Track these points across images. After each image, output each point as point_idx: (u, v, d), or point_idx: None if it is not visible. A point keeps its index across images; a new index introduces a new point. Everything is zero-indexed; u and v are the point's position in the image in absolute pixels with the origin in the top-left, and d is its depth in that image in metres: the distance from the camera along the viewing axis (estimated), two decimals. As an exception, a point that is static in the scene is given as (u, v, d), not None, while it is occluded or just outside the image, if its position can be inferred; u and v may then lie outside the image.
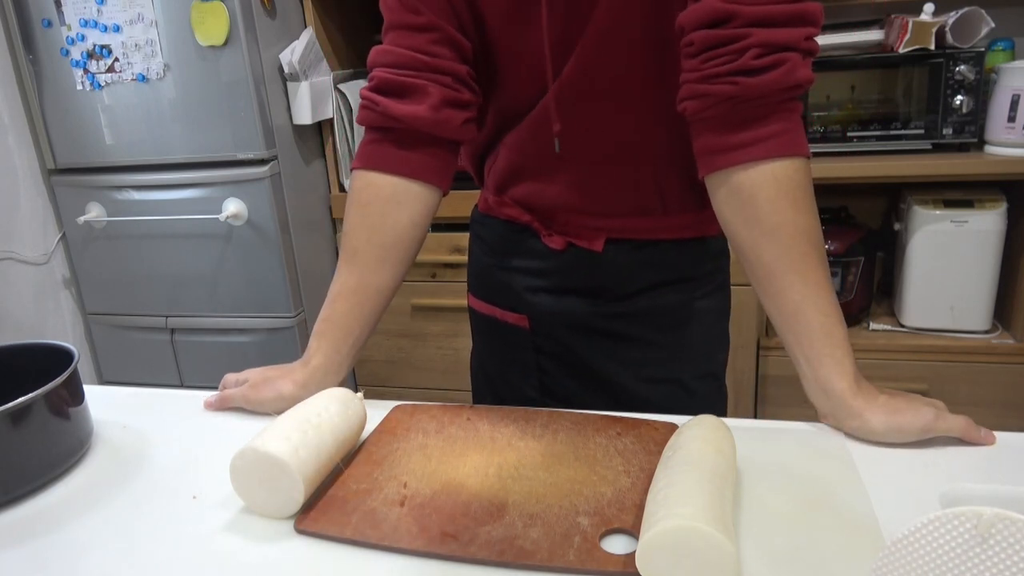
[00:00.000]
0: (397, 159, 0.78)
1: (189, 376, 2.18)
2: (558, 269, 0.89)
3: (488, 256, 0.95)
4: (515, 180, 0.88)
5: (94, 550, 0.58)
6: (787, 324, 0.69)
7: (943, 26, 1.72)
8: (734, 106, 0.67)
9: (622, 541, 0.54)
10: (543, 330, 0.91)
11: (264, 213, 1.96)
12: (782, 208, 0.67)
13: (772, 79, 0.65)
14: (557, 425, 0.70)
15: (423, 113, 0.76)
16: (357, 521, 0.57)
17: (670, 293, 0.88)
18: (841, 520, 0.55)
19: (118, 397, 0.85)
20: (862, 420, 0.65)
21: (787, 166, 0.67)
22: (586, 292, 0.88)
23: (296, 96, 1.97)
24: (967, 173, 1.73)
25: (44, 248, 2.15)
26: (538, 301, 0.90)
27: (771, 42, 0.65)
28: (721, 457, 0.56)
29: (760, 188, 0.67)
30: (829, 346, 0.67)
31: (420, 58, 0.76)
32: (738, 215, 0.69)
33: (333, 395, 0.68)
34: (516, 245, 0.91)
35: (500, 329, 0.95)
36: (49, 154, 2.07)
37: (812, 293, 0.67)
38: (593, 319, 0.89)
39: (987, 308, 1.82)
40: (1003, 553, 0.40)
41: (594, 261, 0.87)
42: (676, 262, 0.87)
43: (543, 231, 0.88)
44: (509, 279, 0.92)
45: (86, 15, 1.89)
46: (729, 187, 0.69)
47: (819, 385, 0.68)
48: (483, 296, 0.97)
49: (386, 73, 0.77)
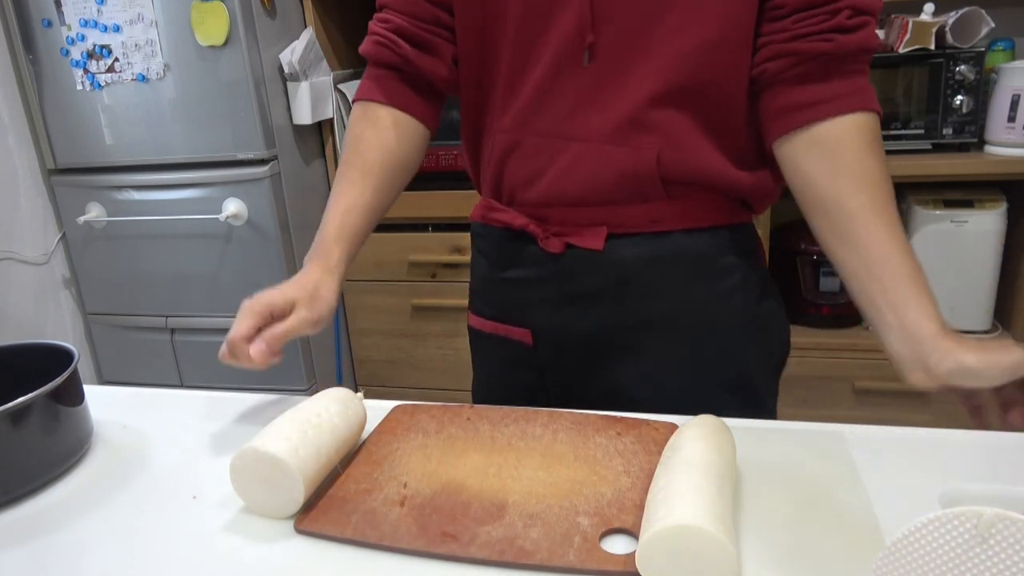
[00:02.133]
0: (410, 101, 0.84)
1: (189, 376, 2.18)
2: (558, 275, 0.83)
3: (488, 268, 0.91)
4: (510, 165, 0.83)
5: (94, 550, 0.58)
6: (872, 271, 0.68)
7: (943, 26, 1.72)
8: (824, 63, 0.71)
9: (622, 541, 0.54)
10: (547, 346, 0.86)
11: (264, 213, 1.96)
12: (867, 157, 0.70)
13: (862, 38, 0.70)
14: (557, 425, 0.70)
15: (442, 71, 0.83)
16: (357, 521, 0.57)
17: (691, 291, 0.81)
18: (841, 520, 0.55)
19: (118, 397, 0.85)
20: (955, 358, 0.63)
21: (868, 119, 0.71)
22: (589, 300, 0.82)
23: (296, 96, 1.97)
24: (967, 173, 1.73)
25: (44, 248, 2.15)
26: (541, 313, 0.85)
27: (860, 6, 0.70)
28: (721, 457, 0.56)
29: (848, 137, 0.71)
30: (916, 290, 0.67)
31: (434, 11, 0.81)
32: (823, 165, 0.71)
33: (333, 395, 0.68)
34: (514, 253, 0.87)
35: (502, 348, 0.90)
36: (49, 154, 2.07)
37: (896, 239, 0.68)
38: (600, 330, 0.83)
39: (987, 308, 1.82)
40: (1003, 553, 0.40)
41: (595, 262, 0.81)
42: (688, 255, 0.80)
43: (540, 234, 0.83)
44: (510, 291, 0.88)
45: (86, 15, 1.89)
46: (812, 139, 0.72)
47: (907, 331, 0.66)
48: (485, 313, 0.93)
49: (403, 21, 0.82)
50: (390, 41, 0.82)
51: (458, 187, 1.88)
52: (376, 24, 0.84)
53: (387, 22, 0.83)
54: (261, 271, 2.02)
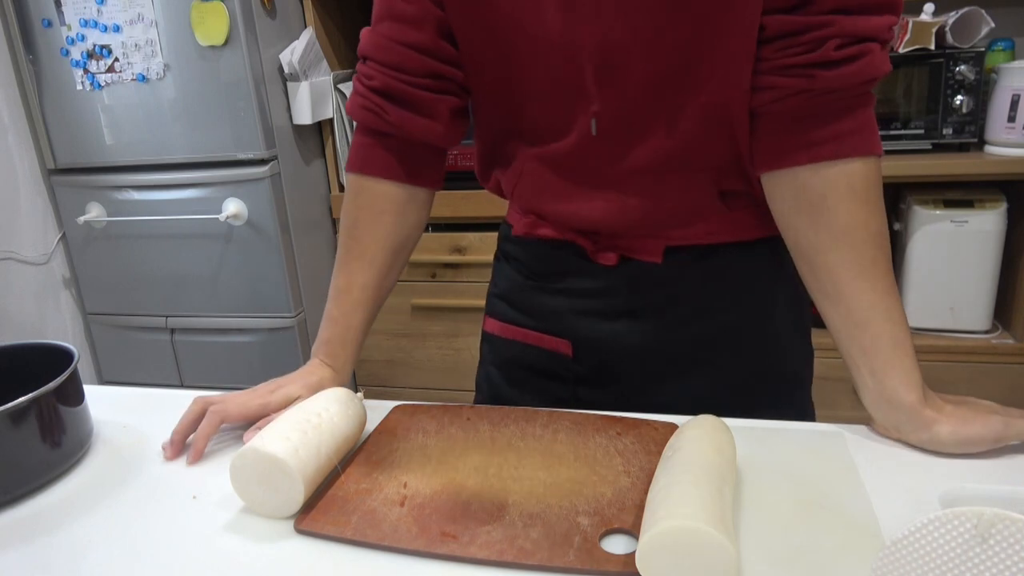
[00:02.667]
0: (405, 168, 0.77)
1: (189, 376, 2.18)
2: (610, 289, 0.78)
3: (525, 277, 0.85)
4: (548, 201, 0.78)
5: (94, 550, 0.58)
6: (852, 334, 0.65)
7: (943, 26, 1.72)
8: (807, 100, 0.63)
9: (622, 541, 0.54)
10: (588, 358, 0.81)
11: (264, 213, 1.96)
12: (853, 211, 0.63)
13: (851, 72, 0.60)
14: (557, 425, 0.70)
15: (437, 130, 0.75)
16: (357, 521, 0.57)
17: (743, 307, 0.77)
18: (841, 520, 0.55)
19: (118, 397, 0.85)
20: (931, 433, 0.62)
21: (860, 166, 0.63)
22: (644, 313, 0.78)
23: (296, 96, 1.98)
24: (967, 173, 1.73)
25: (44, 248, 2.15)
26: (585, 325, 0.80)
27: (854, 32, 0.60)
28: (721, 457, 0.56)
29: (832, 189, 0.63)
30: (897, 356, 0.64)
31: (426, 62, 0.72)
32: (803, 217, 0.66)
33: (333, 395, 0.68)
34: (559, 264, 0.81)
35: (530, 356, 0.85)
36: (49, 154, 2.07)
37: (881, 301, 0.64)
38: (651, 344, 0.78)
39: (987, 308, 1.82)
40: (1003, 553, 0.40)
41: (653, 276, 0.76)
42: (746, 269, 0.77)
43: (590, 247, 0.78)
44: (552, 300, 0.82)
45: (86, 15, 1.89)
46: (795, 187, 0.65)
47: (885, 397, 0.64)
48: (511, 319, 0.86)
49: (391, 79, 0.73)
50: (375, 105, 0.73)
51: (458, 187, 1.87)
52: (359, 81, 0.75)
53: (371, 79, 0.73)
54: (261, 271, 2.02)
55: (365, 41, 0.74)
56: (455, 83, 0.75)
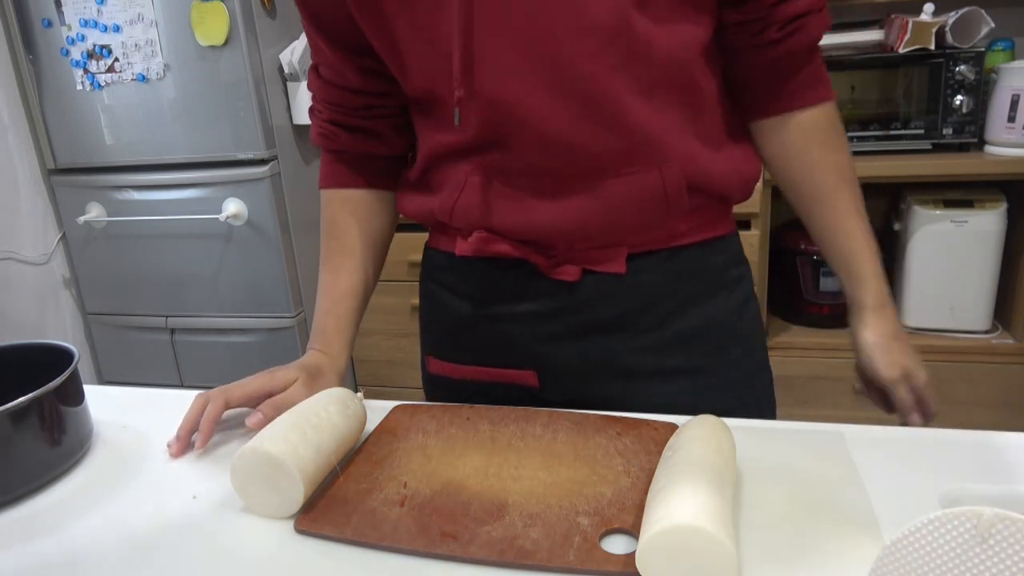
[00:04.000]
0: (366, 177, 0.83)
1: (189, 376, 2.18)
2: (574, 305, 0.75)
3: (468, 306, 0.80)
4: (496, 213, 0.73)
5: (94, 550, 0.58)
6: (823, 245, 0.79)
7: (943, 26, 1.72)
8: (771, 67, 0.73)
9: (622, 541, 0.54)
10: (557, 385, 0.78)
11: (264, 213, 1.96)
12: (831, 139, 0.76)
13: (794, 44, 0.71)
14: (557, 425, 0.70)
15: (382, 147, 0.82)
16: (357, 521, 0.57)
17: (709, 307, 0.77)
18: (841, 520, 0.55)
19: (118, 397, 0.85)
20: (861, 335, 0.79)
21: (828, 109, 0.75)
22: (613, 327, 0.75)
23: (296, 96, 1.98)
24: (967, 173, 1.73)
25: (44, 248, 2.15)
26: (550, 350, 0.77)
27: (790, 15, 0.69)
28: (721, 457, 0.56)
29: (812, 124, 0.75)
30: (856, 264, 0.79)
31: (359, 98, 0.79)
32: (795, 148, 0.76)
33: (333, 395, 0.68)
34: (513, 286, 0.77)
35: (489, 393, 0.80)
36: (49, 154, 2.07)
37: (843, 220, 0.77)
38: (625, 357, 0.76)
39: (987, 308, 1.82)
40: (1003, 553, 0.40)
41: (618, 286, 0.74)
42: (715, 264, 0.77)
43: (544, 263, 0.74)
44: (506, 330, 0.78)
45: (86, 15, 1.89)
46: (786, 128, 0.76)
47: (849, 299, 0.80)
48: (460, 358, 0.82)
49: (335, 113, 0.80)
50: (329, 132, 0.81)
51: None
52: (313, 113, 0.83)
53: (320, 113, 0.81)
54: (261, 271, 2.02)
55: (311, 82, 0.82)
56: (389, 107, 0.80)
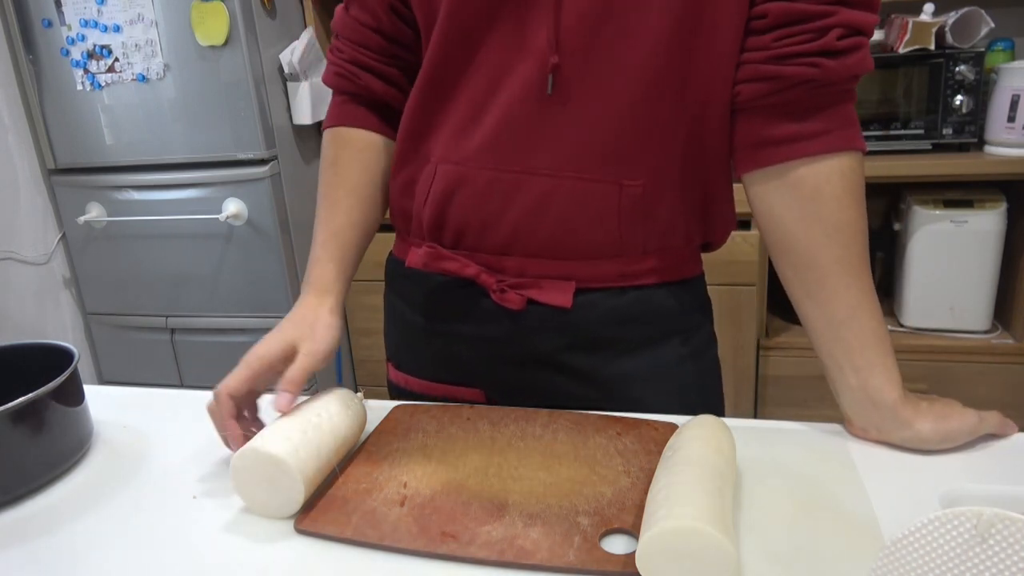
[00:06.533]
0: (376, 120, 0.82)
1: (189, 376, 2.18)
2: (517, 335, 0.74)
3: (422, 320, 0.80)
4: (457, 204, 0.72)
5: (94, 550, 0.58)
6: (836, 331, 0.65)
7: (943, 26, 1.72)
8: (807, 91, 0.62)
9: (622, 541, 0.54)
10: (505, 403, 0.77)
11: (264, 213, 1.96)
12: (847, 206, 0.64)
13: (854, 63, 0.61)
14: (557, 425, 0.70)
15: (399, 97, 0.80)
16: (357, 521, 0.57)
17: (656, 354, 0.75)
18: (841, 520, 0.55)
19: (118, 397, 0.85)
20: (913, 430, 0.63)
21: (851, 160, 0.64)
22: (551, 361, 0.75)
23: (296, 96, 1.98)
24: (967, 173, 1.73)
25: (44, 248, 2.15)
26: (496, 371, 0.77)
27: (854, 23, 0.61)
28: (721, 457, 0.56)
29: (826, 183, 0.63)
30: (880, 355, 0.64)
31: (385, 43, 0.78)
32: (795, 211, 0.65)
33: (333, 395, 0.68)
34: (459, 306, 0.76)
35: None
36: (49, 154, 2.07)
37: (866, 298, 0.64)
38: (574, 389, 0.76)
39: (987, 308, 1.82)
40: (1003, 553, 0.40)
41: (563, 320, 0.73)
42: (663, 308, 0.74)
43: (493, 286, 0.73)
44: (453, 348, 0.78)
45: (86, 15, 1.89)
46: (789, 182, 0.65)
47: (867, 395, 0.64)
48: (415, 371, 0.82)
49: (358, 53, 0.79)
50: (349, 72, 0.79)
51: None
52: (333, 54, 0.81)
53: (342, 52, 0.80)
54: (261, 271, 2.02)
55: (337, 20, 0.81)
56: (410, 60, 0.79)
